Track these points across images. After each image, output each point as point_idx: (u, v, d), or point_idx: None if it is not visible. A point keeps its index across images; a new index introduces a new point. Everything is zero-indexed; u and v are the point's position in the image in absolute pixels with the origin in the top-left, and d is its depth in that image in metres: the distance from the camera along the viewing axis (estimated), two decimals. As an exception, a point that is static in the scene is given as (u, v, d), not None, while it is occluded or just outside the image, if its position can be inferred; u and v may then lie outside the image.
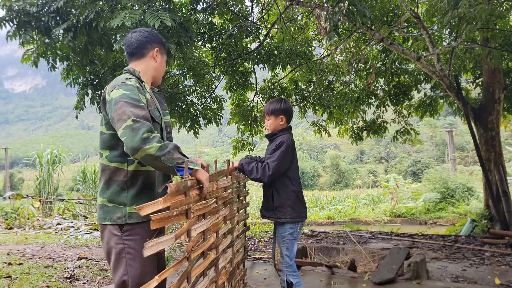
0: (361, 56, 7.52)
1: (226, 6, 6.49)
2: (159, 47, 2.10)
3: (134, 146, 1.68)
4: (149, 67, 2.08)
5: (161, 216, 1.47)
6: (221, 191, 2.31)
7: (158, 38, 2.11)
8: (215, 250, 2.15)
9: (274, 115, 2.81)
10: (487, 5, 4.41)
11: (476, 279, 4.26)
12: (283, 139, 2.70)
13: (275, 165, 2.59)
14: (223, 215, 2.38)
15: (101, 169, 1.95)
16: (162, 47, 2.12)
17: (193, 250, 1.74)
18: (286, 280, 2.68)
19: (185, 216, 1.70)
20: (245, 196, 3.15)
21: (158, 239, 1.41)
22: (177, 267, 1.53)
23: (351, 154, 49.91)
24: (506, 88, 7.98)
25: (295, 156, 2.78)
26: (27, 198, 13.72)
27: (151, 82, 2.13)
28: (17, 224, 11.00)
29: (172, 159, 1.72)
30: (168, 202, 1.51)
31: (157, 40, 2.10)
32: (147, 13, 4.01)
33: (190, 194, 1.74)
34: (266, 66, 7.65)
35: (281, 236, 2.72)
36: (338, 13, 3.87)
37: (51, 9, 4.82)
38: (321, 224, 15.02)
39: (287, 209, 2.68)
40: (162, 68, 2.14)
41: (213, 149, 65.51)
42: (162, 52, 2.11)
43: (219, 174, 2.31)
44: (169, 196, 1.53)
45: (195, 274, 1.77)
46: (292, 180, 2.73)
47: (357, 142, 9.93)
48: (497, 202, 7.29)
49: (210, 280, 2.03)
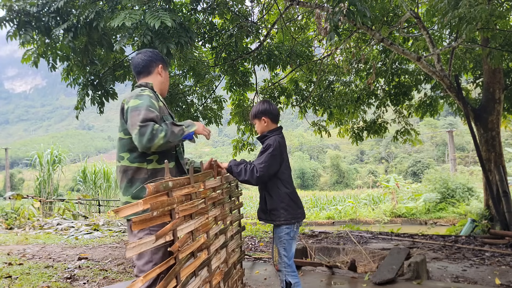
0: (362, 56, 7.52)
1: (226, 6, 6.49)
2: (162, 64, 2.42)
3: (144, 147, 1.98)
4: (156, 82, 2.39)
5: (142, 218, 1.49)
6: (209, 192, 2.31)
7: (160, 56, 2.44)
8: (206, 250, 2.15)
9: (257, 118, 2.85)
10: (487, 5, 4.41)
11: (476, 279, 4.25)
12: (269, 141, 2.71)
13: (262, 167, 2.59)
14: (213, 216, 2.38)
15: (123, 171, 2.18)
16: (164, 63, 2.45)
17: (180, 250, 1.74)
18: (285, 280, 2.68)
19: (169, 216, 1.72)
20: (238, 197, 3.14)
21: (140, 240, 1.44)
22: (163, 267, 1.54)
23: (351, 154, 49.91)
24: (506, 88, 7.98)
25: (284, 157, 2.75)
26: (27, 198, 13.73)
27: (159, 94, 2.41)
28: (17, 224, 11.00)
29: (175, 135, 2.05)
30: (148, 203, 1.52)
31: (160, 58, 2.43)
32: (147, 13, 4.01)
33: (173, 194, 1.75)
34: (266, 66, 7.65)
35: (277, 237, 2.73)
36: (338, 13, 3.87)
37: (51, 9, 4.82)
38: (321, 224, 15.02)
39: (280, 212, 2.67)
40: (167, 81, 2.48)
41: (213, 149, 65.54)
42: (165, 68, 2.44)
43: (206, 175, 2.31)
44: (148, 197, 1.54)
45: (185, 274, 1.78)
46: (283, 182, 2.71)
47: (357, 142, 9.93)
48: (497, 202, 7.28)
49: (203, 280, 2.03)
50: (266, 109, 2.82)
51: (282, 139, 2.78)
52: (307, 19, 8.33)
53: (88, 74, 5.91)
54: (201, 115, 7.98)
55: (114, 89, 6.18)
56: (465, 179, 15.71)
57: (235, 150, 9.15)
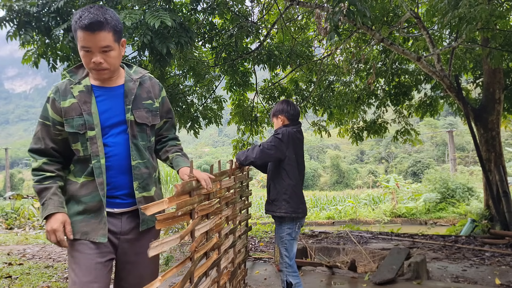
0: (362, 56, 7.52)
1: (227, 6, 6.49)
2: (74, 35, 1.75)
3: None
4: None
5: (166, 216, 1.49)
6: (224, 191, 2.31)
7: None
8: (217, 250, 2.15)
9: (275, 117, 3.01)
10: (487, 5, 4.41)
11: (476, 279, 4.25)
12: (279, 130, 2.86)
13: (265, 144, 2.72)
14: (226, 215, 2.39)
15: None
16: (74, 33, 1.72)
17: (197, 250, 1.75)
18: (286, 281, 2.68)
19: (189, 216, 1.71)
20: (247, 197, 3.16)
21: (163, 239, 1.41)
22: (180, 267, 1.54)
23: (351, 154, 49.87)
24: (507, 88, 7.98)
25: (292, 149, 2.82)
26: (28, 198, 13.72)
27: (96, 74, 1.77)
28: (17, 224, 11.00)
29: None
30: (173, 202, 1.52)
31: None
32: (147, 13, 4.01)
33: (194, 194, 1.76)
34: (266, 66, 7.65)
35: (279, 237, 2.73)
36: (339, 13, 3.87)
37: (51, 9, 4.82)
38: (321, 224, 15.00)
39: (282, 203, 2.70)
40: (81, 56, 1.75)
41: (213, 149, 65.48)
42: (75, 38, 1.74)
43: (222, 174, 2.31)
44: (175, 197, 1.55)
45: (197, 274, 1.78)
46: (289, 173, 2.76)
47: (357, 143, 9.93)
48: (497, 202, 7.28)
49: (212, 280, 2.02)
50: (283, 108, 2.97)
51: (295, 133, 2.87)
52: (307, 19, 8.32)
53: (88, 74, 5.90)
54: (201, 115, 7.97)
55: (114, 89, 6.17)
56: (465, 179, 15.69)
57: (235, 150, 9.14)
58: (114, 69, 1.78)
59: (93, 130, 1.75)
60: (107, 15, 1.68)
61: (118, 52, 1.76)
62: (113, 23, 1.69)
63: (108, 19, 1.67)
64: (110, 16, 1.69)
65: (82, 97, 1.77)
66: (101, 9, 1.68)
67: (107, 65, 1.72)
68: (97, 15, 1.63)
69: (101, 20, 1.64)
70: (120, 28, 1.75)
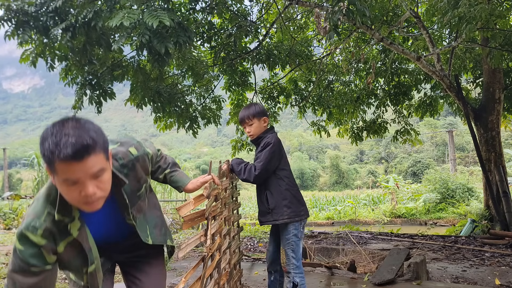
0: (361, 56, 7.50)
1: (225, 6, 6.48)
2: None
3: None
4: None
5: (190, 217, 1.72)
6: (222, 192, 2.31)
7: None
8: (219, 251, 2.16)
9: (257, 117, 2.75)
10: (487, 5, 4.39)
11: (476, 280, 4.24)
12: (268, 139, 2.69)
13: (261, 165, 2.60)
14: (224, 216, 2.38)
15: None
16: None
17: (211, 251, 1.88)
18: (293, 282, 2.65)
19: (204, 218, 1.89)
20: (237, 197, 3.15)
21: (188, 240, 1.62)
22: (195, 268, 1.62)
23: (351, 154, 49.89)
24: (506, 88, 7.96)
25: (283, 154, 2.77)
26: (26, 199, 13.71)
27: (90, 207, 1.31)
28: (15, 225, 10.97)
29: None
30: (198, 202, 1.78)
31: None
32: (146, 13, 3.99)
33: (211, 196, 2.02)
34: (266, 66, 7.63)
35: (285, 239, 2.68)
36: (338, 13, 3.86)
37: (49, 8, 4.80)
38: (320, 225, 14.99)
39: (283, 209, 2.65)
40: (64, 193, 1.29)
41: (212, 149, 65.50)
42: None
43: (223, 176, 2.32)
44: (196, 198, 1.80)
45: (207, 275, 1.86)
46: (284, 179, 2.71)
47: (357, 143, 9.90)
48: (497, 203, 7.27)
49: (214, 281, 2.04)
50: (265, 109, 2.83)
51: (278, 138, 2.80)
52: (306, 18, 8.30)
53: (86, 73, 5.90)
54: (200, 115, 7.95)
55: (112, 89, 6.20)
56: (465, 179, 15.71)
57: (234, 150, 9.12)
58: (108, 192, 1.33)
59: (93, 263, 1.49)
60: (91, 131, 1.22)
61: (109, 170, 1.32)
62: (100, 140, 1.25)
63: (94, 137, 1.21)
64: (94, 131, 1.24)
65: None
66: (78, 126, 1.21)
67: (101, 192, 1.28)
68: (80, 137, 1.17)
69: (88, 142, 1.18)
70: (106, 139, 1.32)
